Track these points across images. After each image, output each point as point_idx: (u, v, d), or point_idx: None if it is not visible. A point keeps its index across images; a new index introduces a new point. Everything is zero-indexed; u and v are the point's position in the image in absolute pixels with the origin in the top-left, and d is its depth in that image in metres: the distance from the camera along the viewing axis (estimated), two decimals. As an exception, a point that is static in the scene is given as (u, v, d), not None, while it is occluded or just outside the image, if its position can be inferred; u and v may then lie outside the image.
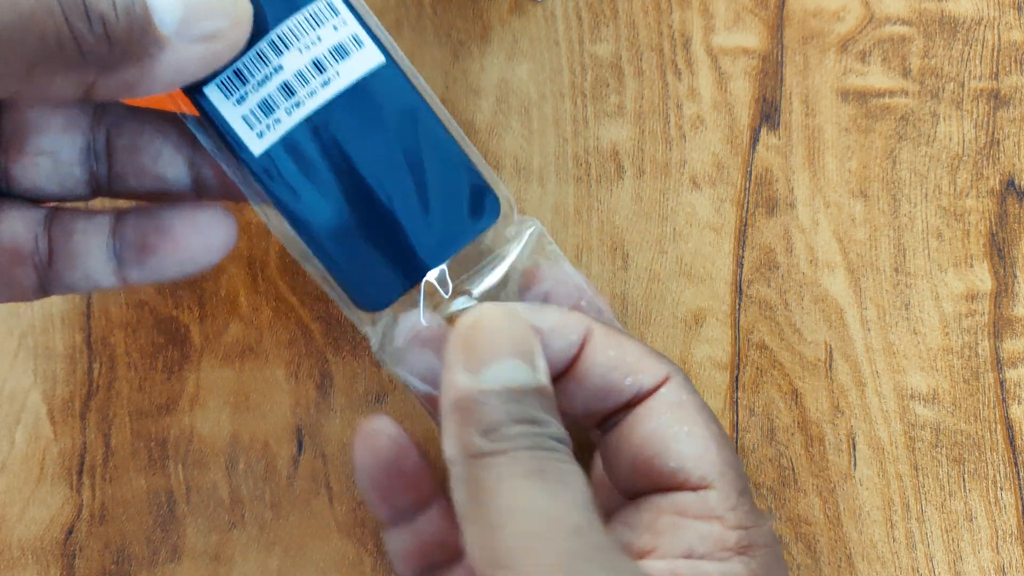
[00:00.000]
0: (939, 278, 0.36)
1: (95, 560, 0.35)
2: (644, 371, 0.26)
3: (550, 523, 0.21)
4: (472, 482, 0.22)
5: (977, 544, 0.35)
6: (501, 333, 0.24)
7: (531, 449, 0.22)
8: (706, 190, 0.37)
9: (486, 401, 0.23)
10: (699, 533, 0.24)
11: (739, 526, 0.25)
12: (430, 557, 0.28)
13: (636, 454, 0.26)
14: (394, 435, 0.28)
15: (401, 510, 0.28)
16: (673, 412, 0.26)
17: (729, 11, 0.38)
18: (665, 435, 0.25)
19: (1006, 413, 0.35)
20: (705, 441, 0.25)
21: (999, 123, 0.38)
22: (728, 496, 0.25)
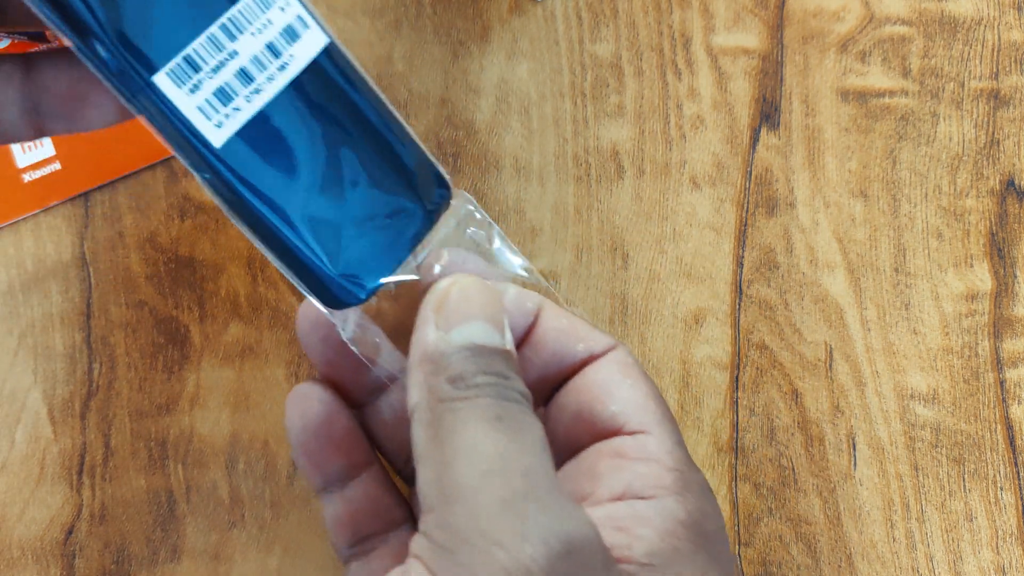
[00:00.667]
0: (939, 278, 0.36)
1: (95, 560, 0.35)
2: (594, 339, 0.27)
3: (503, 462, 0.22)
4: (434, 424, 0.23)
5: (977, 544, 0.35)
6: (473, 298, 0.25)
7: (494, 397, 0.23)
8: (706, 190, 0.37)
9: (456, 354, 0.24)
10: (636, 472, 0.25)
11: (675, 468, 0.25)
12: (363, 525, 0.29)
13: (580, 404, 0.27)
14: (325, 399, 0.28)
15: (332, 476, 0.29)
16: (619, 368, 0.27)
17: (729, 11, 0.38)
18: (608, 385, 0.27)
19: (1006, 413, 0.35)
20: (645, 394, 0.27)
21: (999, 123, 0.38)
22: (664, 442, 0.26)
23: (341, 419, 0.28)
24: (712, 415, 0.35)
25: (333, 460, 0.28)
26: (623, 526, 0.24)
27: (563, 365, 0.27)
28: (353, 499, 0.28)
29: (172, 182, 0.37)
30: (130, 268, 0.37)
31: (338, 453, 0.28)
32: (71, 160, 0.37)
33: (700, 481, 0.26)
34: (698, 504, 0.25)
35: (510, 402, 0.23)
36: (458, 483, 0.22)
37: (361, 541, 0.29)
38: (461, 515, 0.22)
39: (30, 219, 0.37)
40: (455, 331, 0.24)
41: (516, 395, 0.24)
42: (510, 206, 0.37)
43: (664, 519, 0.24)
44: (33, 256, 0.37)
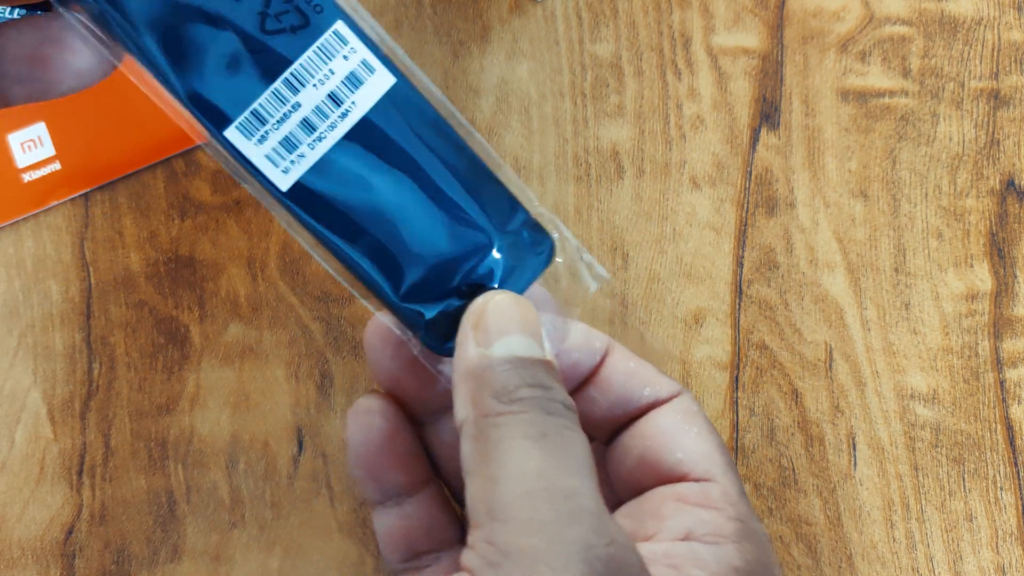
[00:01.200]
0: (939, 278, 0.36)
1: (95, 560, 0.35)
2: (660, 384, 0.28)
3: (546, 483, 0.22)
4: (480, 439, 0.23)
5: (977, 544, 0.35)
6: (509, 314, 0.25)
7: (540, 412, 0.23)
8: (706, 190, 0.37)
9: (498, 367, 0.24)
10: (699, 518, 0.25)
11: (737, 518, 0.26)
12: (417, 542, 0.29)
13: (646, 448, 0.27)
14: (389, 414, 0.28)
15: (390, 491, 0.29)
16: (684, 416, 0.27)
17: (729, 11, 0.38)
18: (675, 432, 0.27)
19: (1006, 413, 0.35)
20: (710, 442, 0.27)
21: (999, 123, 0.38)
22: (728, 492, 0.26)
23: (405, 435, 0.28)
24: (712, 415, 0.35)
25: (393, 476, 0.28)
26: (677, 564, 0.24)
27: (628, 407, 0.28)
28: (410, 516, 0.28)
29: (172, 182, 0.37)
30: (130, 268, 0.37)
31: (399, 469, 0.28)
32: (71, 160, 0.37)
33: (761, 533, 0.26)
34: (756, 555, 0.25)
35: (554, 416, 0.24)
36: (503, 501, 0.22)
37: (414, 557, 0.29)
38: (506, 532, 0.22)
39: (30, 219, 0.37)
40: (495, 345, 0.24)
41: (560, 407, 0.24)
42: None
43: (720, 564, 0.24)
44: (33, 256, 0.37)
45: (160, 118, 0.38)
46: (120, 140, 0.37)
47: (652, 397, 0.28)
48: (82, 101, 0.38)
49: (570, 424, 0.24)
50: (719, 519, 0.25)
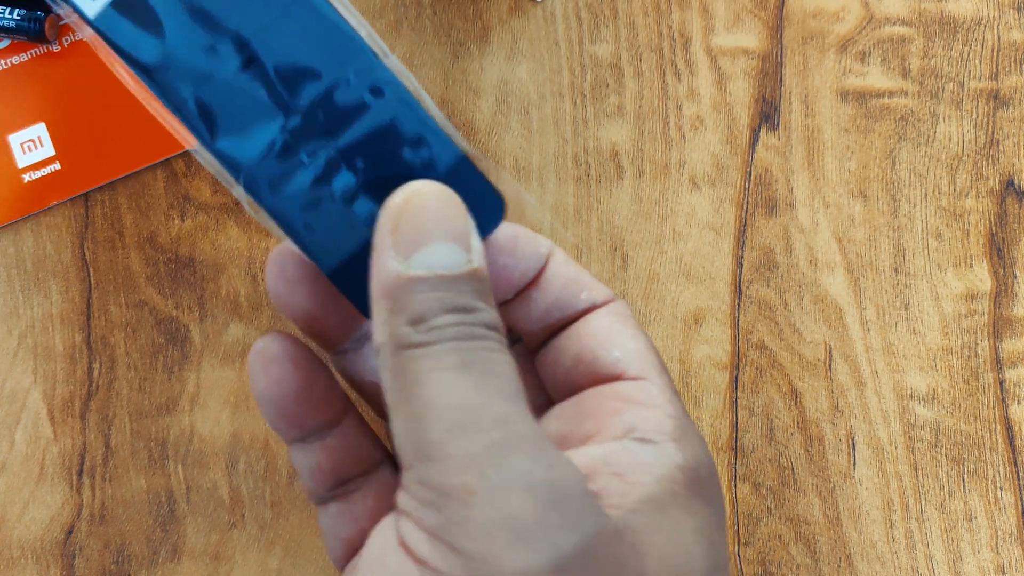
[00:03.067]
0: (939, 278, 0.36)
1: (95, 560, 0.35)
2: (596, 289, 0.27)
3: (474, 414, 0.21)
4: (399, 372, 0.22)
5: (977, 544, 0.35)
6: (433, 213, 0.23)
7: (459, 340, 0.22)
8: (706, 190, 0.37)
9: (415, 289, 0.22)
10: (639, 416, 0.25)
11: (674, 416, 0.25)
12: (342, 471, 0.27)
13: (583, 348, 0.26)
14: (299, 360, 0.26)
15: (309, 431, 0.27)
16: (620, 318, 0.27)
17: (729, 11, 0.38)
18: (612, 333, 0.26)
19: (1006, 413, 0.36)
20: (644, 343, 0.27)
21: (999, 123, 0.38)
22: (664, 390, 0.25)
23: (320, 375, 0.26)
24: (711, 415, 0.35)
25: (312, 419, 0.26)
26: (620, 471, 0.23)
27: (566, 311, 0.27)
28: (334, 447, 0.27)
29: (172, 182, 0.37)
30: (130, 268, 0.37)
31: (318, 412, 0.26)
32: (71, 160, 0.37)
33: (695, 430, 0.26)
34: (694, 452, 0.25)
35: (476, 341, 0.22)
36: (431, 439, 0.21)
37: (339, 485, 0.27)
38: (439, 472, 0.21)
39: (30, 219, 0.37)
40: (414, 257, 0.22)
41: (483, 331, 0.23)
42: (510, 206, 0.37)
43: (663, 463, 0.24)
44: (33, 256, 0.37)
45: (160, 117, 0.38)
46: (120, 140, 0.38)
47: (589, 301, 0.27)
48: (82, 101, 0.38)
49: (495, 346, 0.23)
50: (658, 416, 0.25)
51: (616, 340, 0.26)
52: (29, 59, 0.38)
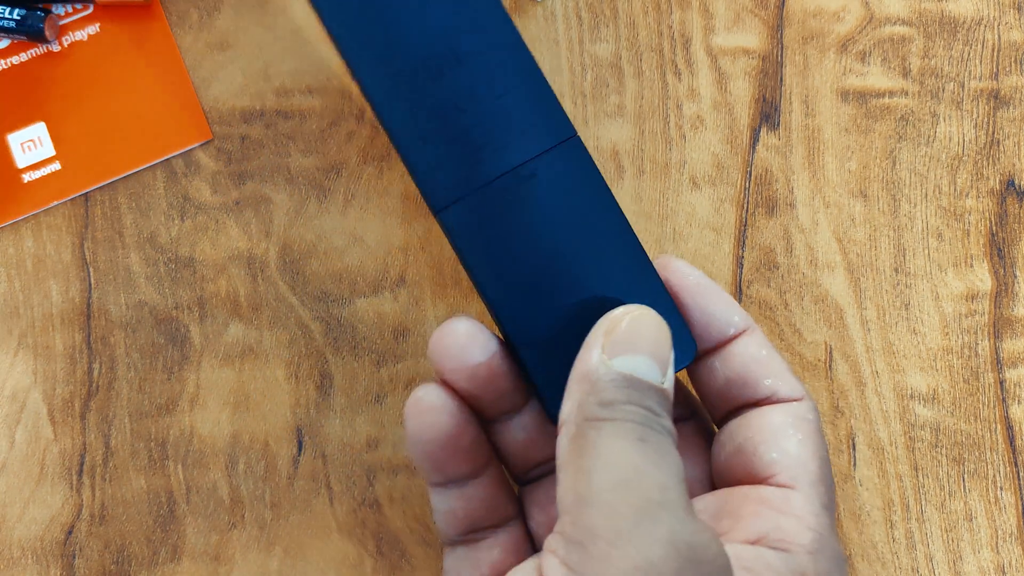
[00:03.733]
0: (939, 278, 0.36)
1: (95, 560, 0.35)
2: (785, 381, 0.28)
3: (638, 475, 0.23)
4: (579, 438, 0.24)
5: (977, 544, 0.35)
6: (643, 332, 0.25)
7: (639, 423, 0.24)
8: (706, 190, 0.37)
9: (612, 380, 0.24)
10: (776, 523, 0.25)
11: (815, 529, 0.25)
12: (476, 521, 0.29)
13: (745, 440, 0.27)
14: (454, 411, 0.28)
15: (452, 478, 0.29)
16: (795, 421, 0.27)
17: (729, 11, 0.38)
18: (778, 432, 0.27)
19: (1006, 413, 0.35)
20: (810, 453, 0.27)
21: (999, 123, 0.38)
22: (811, 502, 0.26)
23: (469, 429, 0.28)
24: (712, 415, 0.36)
25: (456, 467, 0.28)
26: (750, 567, 0.24)
27: (743, 392, 0.28)
28: (471, 497, 0.29)
29: (172, 182, 0.37)
30: (130, 268, 0.37)
31: (463, 462, 0.28)
32: (71, 160, 0.37)
33: (837, 550, 0.26)
34: (828, 569, 0.25)
35: (654, 430, 0.24)
36: (593, 489, 0.23)
37: (470, 532, 0.29)
38: (595, 516, 0.22)
39: (30, 219, 0.37)
40: (618, 359, 0.24)
41: (661, 427, 0.24)
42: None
43: (791, 572, 0.24)
44: (33, 256, 0.37)
45: (160, 118, 0.38)
46: (120, 140, 0.37)
47: (771, 391, 0.27)
48: (82, 101, 0.38)
49: (669, 440, 0.24)
50: (796, 527, 0.25)
51: (778, 441, 0.27)
52: (29, 59, 0.38)
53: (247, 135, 0.38)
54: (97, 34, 0.38)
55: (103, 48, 0.38)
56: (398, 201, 0.37)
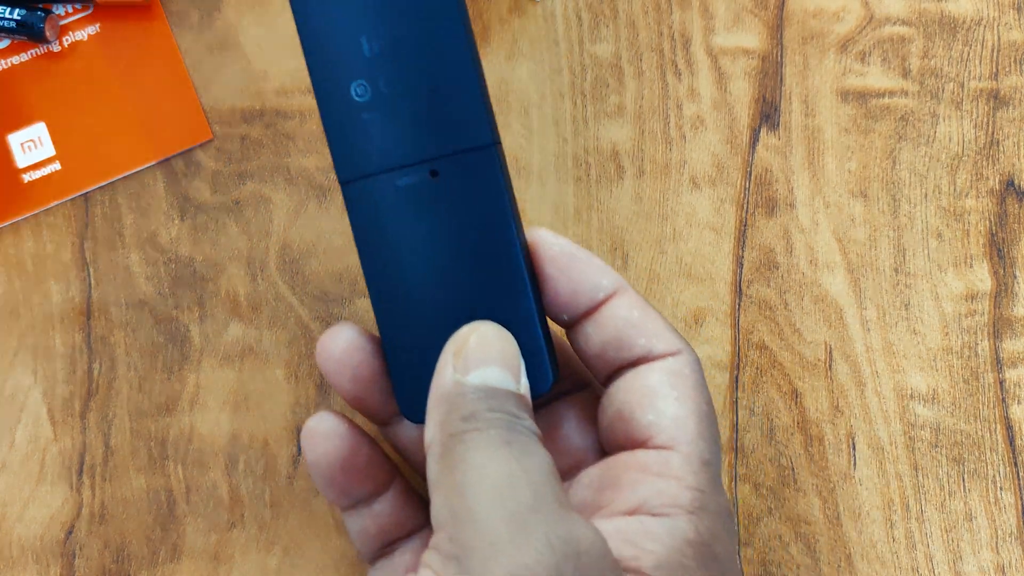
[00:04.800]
0: (939, 278, 0.36)
1: (95, 559, 0.35)
2: (660, 338, 0.27)
3: (510, 480, 0.23)
4: (446, 455, 0.24)
5: (977, 544, 0.35)
6: (491, 344, 0.26)
7: (503, 428, 0.24)
8: (706, 190, 0.37)
9: (470, 394, 0.24)
10: (655, 488, 0.25)
11: (695, 488, 0.25)
12: (389, 534, 0.30)
13: (623, 404, 0.27)
14: (344, 433, 0.29)
15: (358, 498, 0.29)
16: (670, 379, 0.27)
17: (729, 11, 0.38)
18: (654, 394, 0.26)
19: (1006, 413, 0.35)
20: (687, 408, 0.26)
21: (999, 123, 0.38)
22: (690, 461, 0.26)
23: (364, 449, 0.29)
24: (712, 415, 0.35)
25: (359, 488, 0.29)
26: (632, 539, 0.24)
27: (619, 353, 0.27)
28: (380, 513, 0.29)
29: (172, 182, 0.37)
30: (130, 268, 0.37)
31: (365, 481, 0.29)
32: (71, 160, 0.37)
33: (720, 504, 0.26)
34: (710, 526, 0.25)
35: (518, 432, 0.24)
36: (467, 503, 0.23)
37: (387, 546, 0.30)
38: (469, 530, 0.22)
39: (30, 219, 0.37)
40: (471, 374, 0.25)
41: (524, 430, 0.24)
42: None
43: (673, 537, 0.24)
44: (33, 256, 0.37)
45: (160, 118, 0.38)
46: (120, 140, 0.38)
47: (645, 349, 0.27)
48: (82, 101, 0.38)
49: (534, 440, 0.24)
50: (675, 488, 0.25)
51: (654, 402, 0.26)
52: (29, 59, 0.38)
53: (247, 135, 0.38)
54: (97, 34, 0.38)
55: (103, 48, 0.38)
56: (398, 201, 0.37)
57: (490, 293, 0.27)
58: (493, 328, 0.26)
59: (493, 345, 0.25)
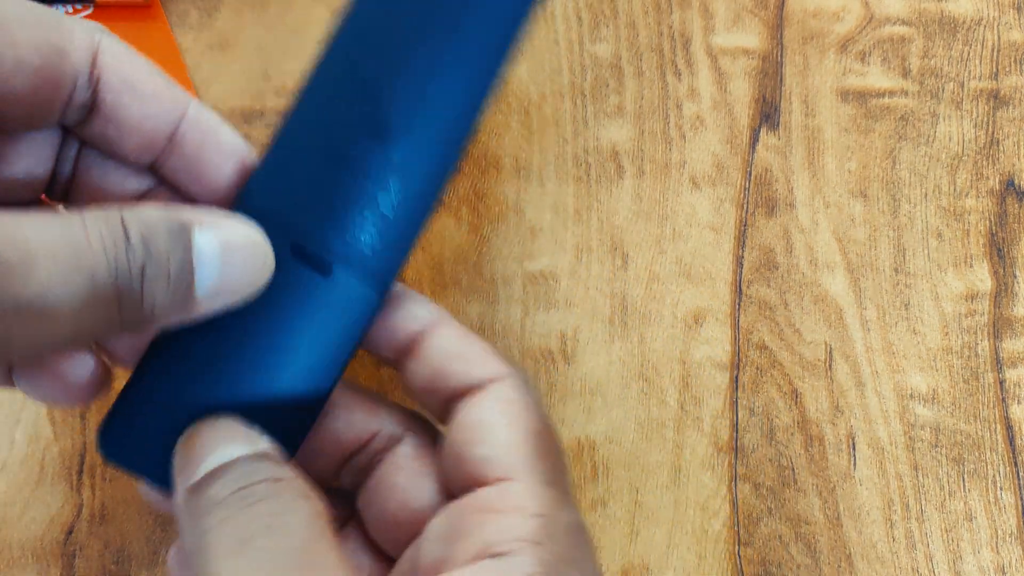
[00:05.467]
0: (939, 278, 0.36)
1: (95, 560, 0.35)
2: (482, 365, 0.26)
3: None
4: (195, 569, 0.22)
5: (977, 544, 0.35)
6: (211, 434, 0.24)
7: (238, 514, 0.22)
8: (706, 190, 0.37)
9: (203, 482, 0.23)
10: (497, 527, 0.23)
11: (537, 514, 0.23)
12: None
13: (456, 443, 0.25)
14: None
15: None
16: (498, 406, 0.25)
17: (729, 11, 0.38)
18: (483, 426, 0.25)
19: (1006, 413, 0.36)
20: (519, 435, 0.25)
21: (999, 123, 0.38)
22: (530, 485, 0.24)
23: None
24: (712, 415, 0.35)
25: None
26: None
27: (447, 387, 0.26)
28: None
29: (172, 182, 0.37)
30: (130, 268, 0.37)
31: None
32: (71, 160, 0.37)
33: (569, 523, 0.24)
34: (557, 550, 0.23)
35: (256, 506, 0.22)
36: None
37: None
38: None
39: (30, 219, 0.37)
40: (199, 467, 0.23)
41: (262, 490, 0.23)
42: (510, 206, 0.37)
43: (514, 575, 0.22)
44: (33, 256, 0.37)
45: (160, 118, 0.38)
46: (120, 140, 0.37)
47: (468, 378, 0.25)
48: (82, 101, 0.38)
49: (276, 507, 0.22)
50: (517, 522, 0.23)
51: (485, 435, 0.25)
52: (29, 59, 0.38)
53: (247, 135, 0.38)
54: (97, 34, 0.38)
55: (103, 48, 0.38)
56: (398, 201, 0.37)
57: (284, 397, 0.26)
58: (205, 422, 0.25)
59: (211, 431, 0.24)
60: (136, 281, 0.21)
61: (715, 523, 0.35)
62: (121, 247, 0.21)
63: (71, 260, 0.20)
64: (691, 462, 0.35)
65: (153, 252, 0.22)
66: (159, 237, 0.22)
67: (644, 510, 0.35)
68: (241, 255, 0.24)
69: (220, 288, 0.23)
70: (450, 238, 0.37)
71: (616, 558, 0.34)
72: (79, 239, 0.21)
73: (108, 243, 0.21)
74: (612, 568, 0.34)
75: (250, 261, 0.24)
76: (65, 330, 0.21)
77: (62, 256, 0.20)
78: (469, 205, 0.37)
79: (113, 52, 0.25)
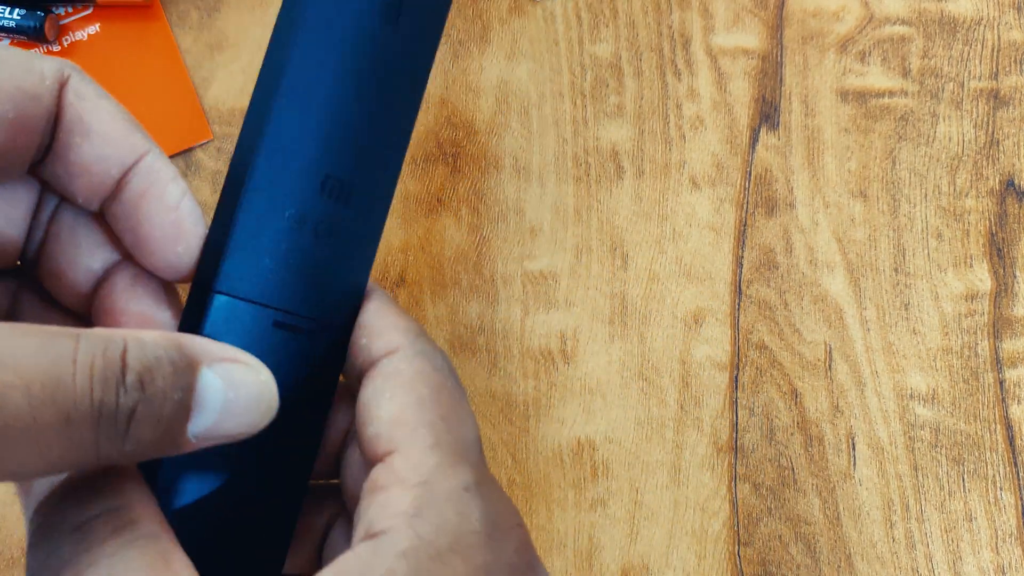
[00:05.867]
0: (939, 278, 0.36)
1: (95, 560, 0.35)
2: (379, 340, 0.25)
3: None
4: None
5: (977, 544, 0.35)
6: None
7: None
8: (706, 190, 0.37)
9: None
10: (378, 505, 0.22)
11: (418, 483, 0.22)
12: None
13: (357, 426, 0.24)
14: None
15: None
16: (383, 381, 0.24)
17: (729, 11, 0.38)
18: (369, 403, 0.24)
19: (1006, 413, 0.35)
20: (403, 403, 0.23)
21: (999, 123, 0.38)
22: (412, 455, 0.22)
23: None
24: (712, 415, 0.35)
25: None
26: None
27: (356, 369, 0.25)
28: None
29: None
30: (130, 268, 0.37)
31: None
32: (71, 160, 0.37)
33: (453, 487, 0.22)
34: (438, 521, 0.22)
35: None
36: None
37: None
38: None
39: (30, 219, 0.37)
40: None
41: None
42: (510, 206, 0.37)
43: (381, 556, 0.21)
44: (33, 256, 0.37)
45: (160, 118, 0.38)
46: (120, 140, 0.37)
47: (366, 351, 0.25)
48: (82, 101, 0.38)
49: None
50: (396, 496, 0.22)
51: (372, 411, 0.24)
52: (29, 59, 0.38)
53: (247, 135, 0.38)
54: (97, 34, 0.38)
55: (103, 48, 0.38)
56: (398, 201, 0.37)
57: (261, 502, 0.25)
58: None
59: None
60: (122, 422, 0.19)
61: (715, 523, 0.35)
62: (111, 387, 0.19)
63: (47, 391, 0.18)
64: (691, 462, 0.35)
65: (149, 393, 0.20)
66: (160, 375, 0.20)
67: (644, 510, 0.35)
68: (246, 402, 0.22)
69: (214, 432, 0.21)
70: (450, 238, 0.37)
71: (616, 558, 0.34)
72: (63, 371, 0.19)
73: (98, 378, 0.19)
74: (612, 568, 0.34)
75: (254, 407, 0.22)
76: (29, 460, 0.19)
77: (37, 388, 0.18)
78: (469, 205, 0.37)
79: (77, 91, 0.23)
